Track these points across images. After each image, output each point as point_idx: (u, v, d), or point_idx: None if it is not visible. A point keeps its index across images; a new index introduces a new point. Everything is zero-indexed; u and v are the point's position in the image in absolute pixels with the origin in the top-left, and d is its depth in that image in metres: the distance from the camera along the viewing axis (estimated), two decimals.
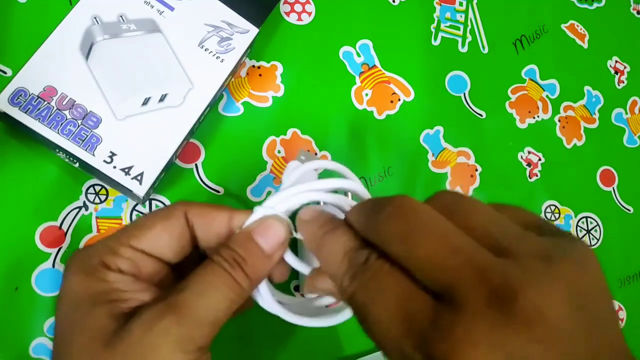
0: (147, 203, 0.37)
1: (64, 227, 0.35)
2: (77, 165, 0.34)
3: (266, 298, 0.26)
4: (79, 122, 0.33)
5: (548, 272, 0.16)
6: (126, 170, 0.33)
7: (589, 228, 0.47)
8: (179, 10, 0.36)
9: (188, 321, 0.22)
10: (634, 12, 0.53)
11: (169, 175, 0.37)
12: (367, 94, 0.43)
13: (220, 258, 0.24)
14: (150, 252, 0.25)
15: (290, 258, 0.27)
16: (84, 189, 0.36)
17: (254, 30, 0.37)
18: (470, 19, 0.47)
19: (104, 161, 0.33)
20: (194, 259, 0.27)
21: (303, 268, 0.27)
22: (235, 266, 0.23)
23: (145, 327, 0.21)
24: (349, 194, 0.31)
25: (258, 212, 0.26)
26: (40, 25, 0.35)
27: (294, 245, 0.38)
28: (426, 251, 0.17)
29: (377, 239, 0.19)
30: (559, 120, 0.48)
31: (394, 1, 0.45)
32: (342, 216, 0.26)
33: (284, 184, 0.28)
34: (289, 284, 0.39)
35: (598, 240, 0.47)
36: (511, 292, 0.15)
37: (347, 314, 0.27)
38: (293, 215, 0.27)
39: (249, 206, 0.39)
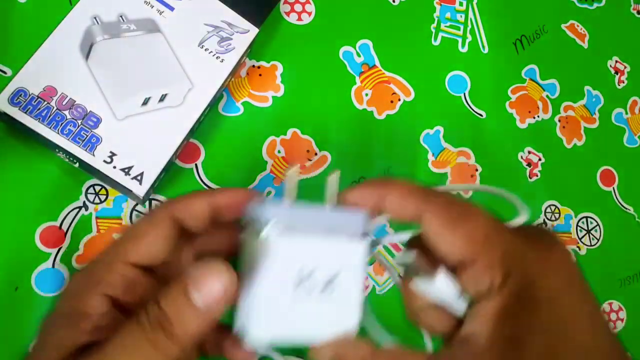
0: (147, 203, 0.37)
1: (64, 227, 0.35)
2: (77, 165, 0.34)
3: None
4: (79, 122, 0.33)
5: None
6: (126, 170, 0.33)
7: (589, 228, 0.47)
8: (179, 10, 0.36)
9: None
10: (634, 12, 0.53)
11: (169, 175, 0.37)
12: (367, 94, 0.43)
13: (145, 318, 0.22)
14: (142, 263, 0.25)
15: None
16: (84, 189, 0.36)
17: (254, 30, 0.37)
18: (470, 19, 0.47)
19: (104, 161, 0.33)
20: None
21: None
22: (157, 329, 0.21)
23: None
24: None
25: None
26: (40, 25, 0.35)
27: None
28: None
29: None
30: (559, 120, 0.48)
31: (394, 1, 0.45)
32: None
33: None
34: None
35: (598, 240, 0.47)
36: None
37: None
38: None
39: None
